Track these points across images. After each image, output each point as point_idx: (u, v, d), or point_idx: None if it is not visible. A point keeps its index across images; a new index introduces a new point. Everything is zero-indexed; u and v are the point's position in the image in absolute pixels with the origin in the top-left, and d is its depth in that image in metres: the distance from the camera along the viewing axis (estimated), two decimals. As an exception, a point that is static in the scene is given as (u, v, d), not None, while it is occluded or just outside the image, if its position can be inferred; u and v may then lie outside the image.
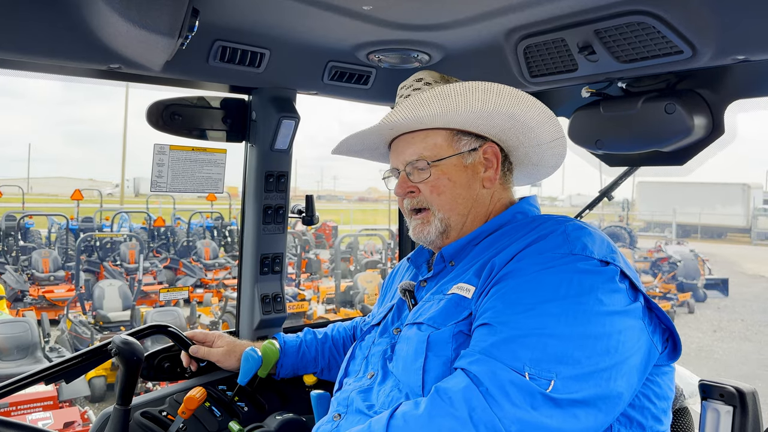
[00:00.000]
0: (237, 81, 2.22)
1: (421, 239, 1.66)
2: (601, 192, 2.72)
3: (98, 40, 1.68)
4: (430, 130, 1.63)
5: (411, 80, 1.73)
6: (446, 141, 1.63)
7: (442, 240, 1.64)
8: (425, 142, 1.63)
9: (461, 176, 1.62)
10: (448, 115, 1.55)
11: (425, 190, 1.62)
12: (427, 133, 1.63)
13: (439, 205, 1.61)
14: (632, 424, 1.36)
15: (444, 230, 1.62)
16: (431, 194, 1.61)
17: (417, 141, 1.64)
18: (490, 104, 1.52)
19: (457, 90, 1.50)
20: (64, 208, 22.58)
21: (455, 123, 1.60)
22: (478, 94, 1.50)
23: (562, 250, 1.35)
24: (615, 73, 1.86)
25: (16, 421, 1.65)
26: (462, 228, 1.63)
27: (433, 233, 1.62)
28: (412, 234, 1.67)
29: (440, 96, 1.51)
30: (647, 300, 1.37)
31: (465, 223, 1.63)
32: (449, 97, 1.51)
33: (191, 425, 1.95)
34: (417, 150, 1.63)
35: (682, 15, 1.53)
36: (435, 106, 1.52)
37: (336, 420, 1.54)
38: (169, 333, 2.15)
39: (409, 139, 1.65)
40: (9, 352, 8.21)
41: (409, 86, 1.72)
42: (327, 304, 13.05)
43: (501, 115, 1.56)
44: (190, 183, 2.24)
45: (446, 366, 1.38)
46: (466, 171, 1.63)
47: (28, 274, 14.34)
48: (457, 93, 1.51)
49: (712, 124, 1.91)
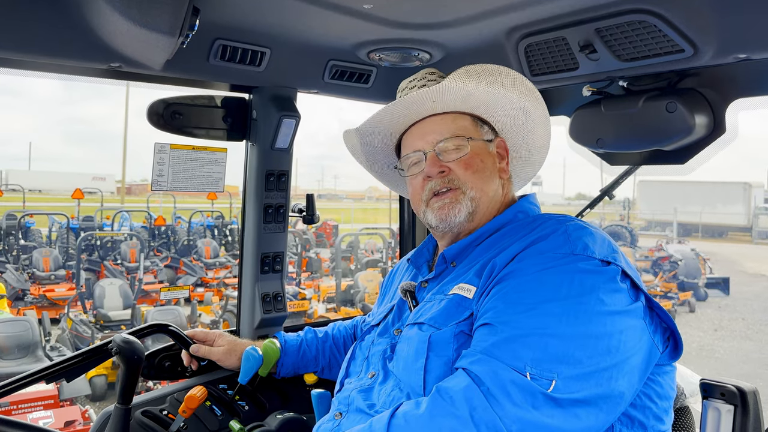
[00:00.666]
0: (237, 80, 2.22)
1: (449, 220, 1.58)
2: (602, 191, 2.72)
3: (99, 39, 1.67)
4: (457, 114, 1.64)
5: (422, 73, 1.73)
6: (472, 125, 1.65)
7: (467, 224, 1.59)
8: (456, 123, 1.63)
9: (488, 160, 1.64)
10: (492, 92, 1.58)
11: (458, 168, 1.58)
12: (455, 116, 1.64)
13: (473, 183, 1.58)
14: (634, 423, 1.36)
15: (473, 211, 1.58)
16: (466, 171, 1.58)
17: (447, 121, 1.63)
18: (518, 92, 1.60)
19: (499, 70, 1.60)
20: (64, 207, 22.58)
21: (486, 106, 1.63)
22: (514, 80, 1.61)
23: (563, 250, 1.35)
24: (616, 72, 1.86)
25: (17, 420, 1.65)
26: (484, 213, 1.61)
27: (463, 213, 1.57)
28: (436, 217, 1.60)
29: (487, 72, 1.58)
30: (648, 299, 1.37)
31: (489, 206, 1.62)
32: (497, 74, 1.59)
33: (192, 424, 1.95)
34: (450, 129, 1.62)
35: (684, 14, 1.53)
36: (482, 80, 1.57)
37: (337, 419, 1.54)
38: (170, 332, 2.14)
39: (438, 120, 1.64)
40: (10, 351, 8.22)
41: (422, 78, 1.72)
42: (327, 303, 13.06)
43: (518, 106, 1.63)
44: (191, 182, 2.24)
45: (447, 366, 1.38)
46: (491, 157, 1.65)
47: (29, 273, 14.36)
48: (500, 72, 1.60)
49: (713, 122, 1.91)
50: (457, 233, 1.63)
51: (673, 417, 1.51)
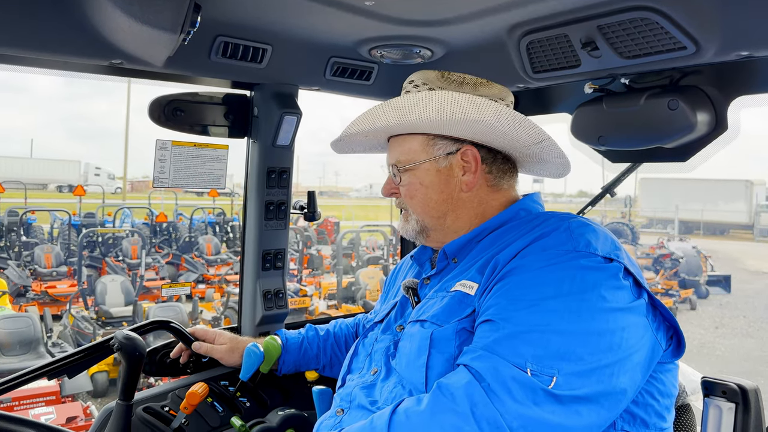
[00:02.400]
0: (239, 77, 2.22)
1: (404, 235, 1.72)
2: (603, 188, 2.72)
3: (101, 35, 1.67)
4: (408, 135, 1.64)
5: (405, 83, 1.74)
6: (421, 146, 1.62)
7: (423, 238, 1.69)
8: (402, 147, 1.65)
9: (434, 180, 1.61)
10: (402, 125, 1.58)
11: (402, 192, 1.67)
12: (404, 138, 1.65)
13: (413, 207, 1.66)
14: (635, 420, 1.36)
15: (421, 230, 1.67)
16: (405, 197, 1.67)
17: (396, 145, 1.67)
18: (446, 113, 1.49)
19: (410, 99, 1.51)
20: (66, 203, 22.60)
21: (418, 129, 1.60)
22: (432, 104, 1.49)
23: (565, 246, 1.35)
24: (618, 69, 1.86)
25: (19, 416, 1.66)
26: (444, 229, 1.64)
27: (411, 232, 1.68)
28: (398, 228, 1.74)
29: (394, 107, 1.55)
30: (651, 297, 1.37)
31: (445, 224, 1.63)
32: (401, 108, 1.53)
33: (193, 420, 1.95)
34: (395, 155, 1.67)
35: (686, 11, 1.52)
36: (387, 117, 1.57)
37: (339, 415, 1.55)
38: (171, 329, 2.15)
39: (393, 142, 1.69)
40: (12, 347, 8.24)
41: (403, 89, 1.73)
42: (329, 300, 13.06)
43: (461, 122, 1.51)
44: (192, 179, 2.24)
45: (449, 363, 1.38)
46: (440, 175, 1.61)
47: (31, 270, 14.37)
48: (411, 103, 1.51)
49: (715, 120, 1.90)
50: (423, 242, 1.72)
51: (675, 415, 1.51)
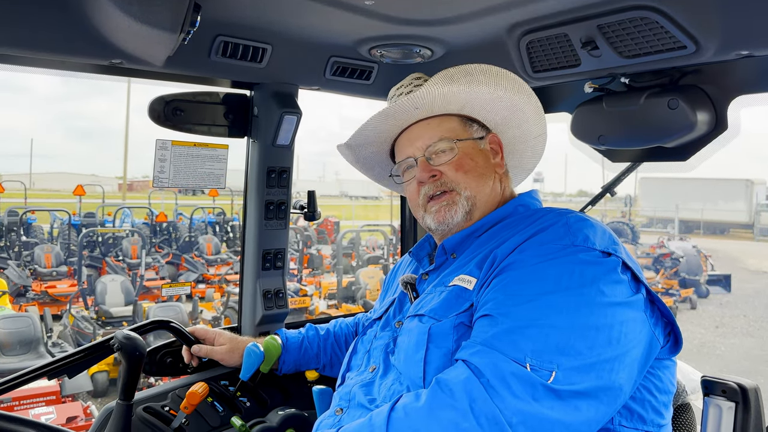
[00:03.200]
0: (239, 76, 2.22)
1: (447, 221, 1.61)
2: (603, 188, 2.71)
3: (100, 35, 1.67)
4: (444, 117, 1.66)
5: (408, 79, 1.75)
6: (460, 126, 1.67)
7: (465, 221, 1.61)
8: (441, 127, 1.65)
9: (480, 158, 1.65)
10: (472, 92, 1.59)
11: (449, 170, 1.61)
12: (441, 119, 1.66)
13: (466, 183, 1.61)
14: (633, 416, 1.36)
15: (470, 209, 1.61)
16: (457, 173, 1.61)
17: (434, 125, 1.65)
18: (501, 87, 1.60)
19: (480, 68, 1.59)
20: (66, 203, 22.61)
21: (470, 106, 1.64)
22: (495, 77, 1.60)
23: (563, 241, 1.35)
24: (618, 69, 1.86)
25: (19, 416, 1.66)
26: (482, 212, 1.62)
27: (460, 214, 1.60)
28: (434, 220, 1.62)
29: (466, 72, 1.58)
30: (649, 292, 1.37)
31: (486, 204, 1.63)
32: (477, 72, 1.58)
33: (193, 420, 1.95)
34: (437, 132, 1.64)
35: (686, 10, 1.52)
36: (462, 81, 1.57)
37: (338, 414, 1.55)
38: (171, 328, 2.15)
39: (424, 125, 1.67)
40: (12, 347, 8.24)
41: (408, 84, 1.74)
42: (329, 300, 13.07)
43: (505, 101, 1.63)
44: (192, 178, 2.24)
45: (447, 357, 1.38)
46: (483, 154, 1.66)
47: (31, 270, 14.37)
48: (480, 71, 1.59)
49: (715, 119, 1.90)
50: (461, 228, 1.64)
51: (674, 414, 1.51)
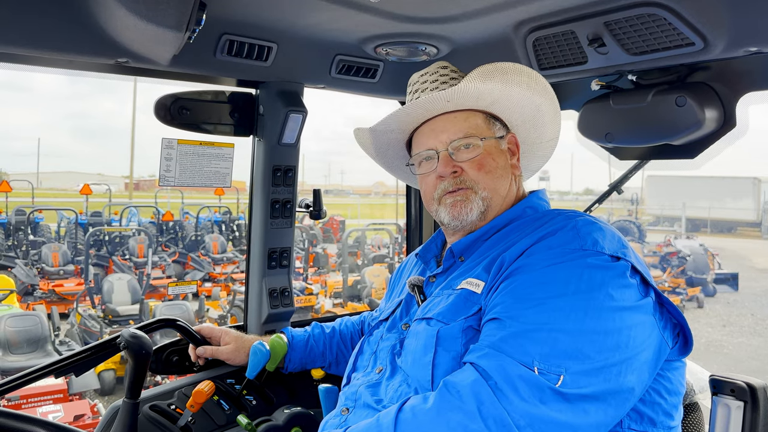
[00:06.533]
0: (244, 75, 2.21)
1: (461, 217, 1.59)
2: (610, 186, 2.70)
3: (106, 34, 1.68)
4: (470, 112, 1.63)
5: (434, 67, 1.72)
6: (485, 123, 1.64)
7: (479, 222, 1.60)
8: (468, 122, 1.62)
9: (500, 158, 1.64)
10: (505, 90, 1.58)
11: (470, 169, 1.59)
12: (468, 114, 1.63)
13: (485, 183, 1.59)
14: (643, 419, 1.35)
15: (485, 210, 1.59)
16: (478, 172, 1.58)
17: (460, 120, 1.62)
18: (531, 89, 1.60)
19: (514, 68, 1.58)
20: (73, 202, 22.70)
21: (499, 104, 1.63)
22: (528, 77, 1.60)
23: (572, 245, 1.34)
24: (625, 66, 1.84)
25: (27, 415, 1.66)
26: (496, 213, 1.61)
27: (475, 212, 1.58)
28: (449, 214, 1.60)
29: (502, 71, 1.56)
30: (658, 295, 1.36)
31: (501, 205, 1.62)
32: (512, 72, 1.57)
33: (200, 418, 1.95)
34: (463, 128, 1.61)
35: (694, 6, 1.51)
36: (498, 79, 1.56)
37: (344, 414, 1.54)
38: (178, 327, 2.15)
39: (450, 118, 1.63)
40: (20, 345, 8.30)
41: (434, 72, 1.71)
42: (334, 299, 13.09)
43: (533, 102, 1.63)
44: (198, 177, 2.25)
45: (456, 361, 1.38)
46: (503, 155, 1.65)
47: (38, 268, 14.47)
48: (515, 71, 1.58)
49: (723, 116, 1.89)
50: (469, 231, 1.63)
51: (683, 413, 1.50)
